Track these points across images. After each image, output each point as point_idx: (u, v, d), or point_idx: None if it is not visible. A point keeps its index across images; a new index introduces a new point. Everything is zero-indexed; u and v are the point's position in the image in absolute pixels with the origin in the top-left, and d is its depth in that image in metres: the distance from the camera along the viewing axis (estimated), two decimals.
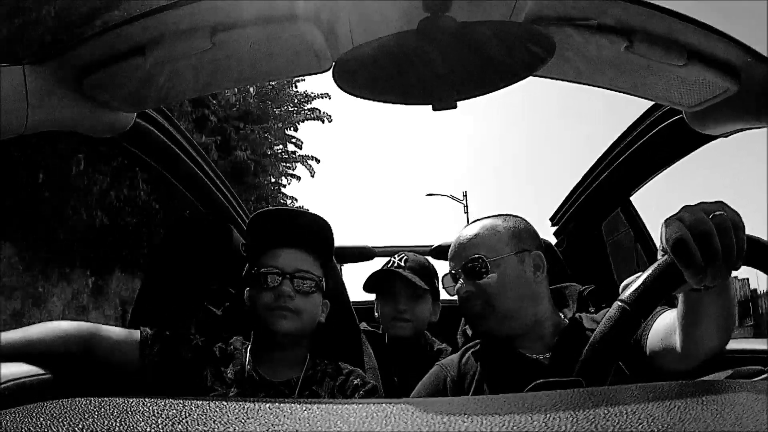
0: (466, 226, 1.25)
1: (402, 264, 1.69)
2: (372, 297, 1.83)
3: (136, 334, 1.14)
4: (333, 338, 1.38)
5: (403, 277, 1.64)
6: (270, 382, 1.15)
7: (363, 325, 1.74)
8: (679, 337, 0.86)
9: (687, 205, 0.70)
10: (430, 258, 2.16)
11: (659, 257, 0.71)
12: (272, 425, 0.38)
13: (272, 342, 1.17)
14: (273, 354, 1.18)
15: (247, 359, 1.19)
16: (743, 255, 0.66)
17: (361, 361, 1.40)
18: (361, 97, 0.95)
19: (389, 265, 1.71)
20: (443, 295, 1.77)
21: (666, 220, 0.70)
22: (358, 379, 1.20)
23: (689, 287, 0.72)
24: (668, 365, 0.91)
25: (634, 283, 0.69)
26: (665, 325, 0.92)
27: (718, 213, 0.66)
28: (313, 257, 1.22)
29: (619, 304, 0.68)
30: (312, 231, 1.24)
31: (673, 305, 0.95)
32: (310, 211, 1.32)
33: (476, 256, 1.15)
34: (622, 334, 0.67)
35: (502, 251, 1.14)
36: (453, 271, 1.21)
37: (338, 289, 1.46)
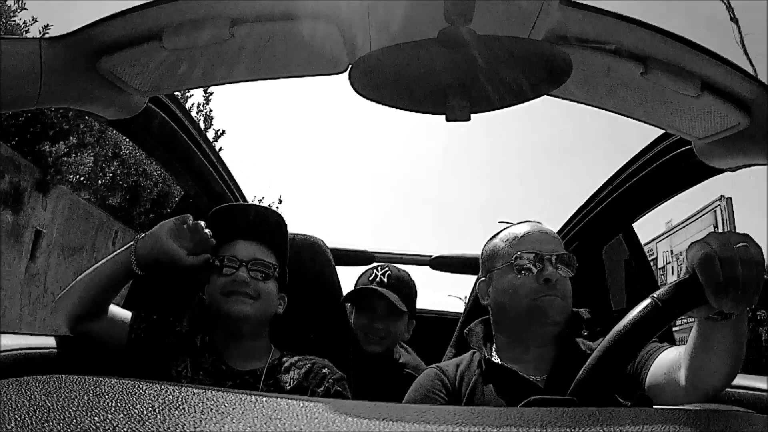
0: (527, 222, 1.24)
1: (385, 280, 1.65)
2: None
3: (129, 313, 1.23)
4: (329, 341, 1.37)
5: (383, 296, 1.61)
6: (236, 372, 1.20)
7: None
8: (684, 370, 0.85)
9: (714, 232, 0.71)
10: (428, 267, 2.15)
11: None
12: (269, 418, 0.38)
13: (232, 329, 1.21)
14: (235, 343, 1.22)
15: (214, 349, 1.23)
16: (760, 290, 0.67)
17: (358, 364, 1.40)
18: (375, 101, 0.95)
19: (371, 280, 1.67)
20: (425, 305, 1.79)
21: (692, 243, 0.71)
22: (326, 369, 1.22)
23: (705, 314, 0.73)
24: (668, 401, 0.90)
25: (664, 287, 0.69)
26: (669, 360, 0.92)
27: (742, 245, 0.67)
28: (268, 247, 1.28)
29: (651, 299, 0.67)
30: (266, 224, 1.31)
31: (673, 343, 0.94)
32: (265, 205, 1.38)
33: (566, 253, 1.15)
34: (649, 328, 0.66)
35: None
36: (537, 254, 1.12)
37: (335, 291, 1.46)
